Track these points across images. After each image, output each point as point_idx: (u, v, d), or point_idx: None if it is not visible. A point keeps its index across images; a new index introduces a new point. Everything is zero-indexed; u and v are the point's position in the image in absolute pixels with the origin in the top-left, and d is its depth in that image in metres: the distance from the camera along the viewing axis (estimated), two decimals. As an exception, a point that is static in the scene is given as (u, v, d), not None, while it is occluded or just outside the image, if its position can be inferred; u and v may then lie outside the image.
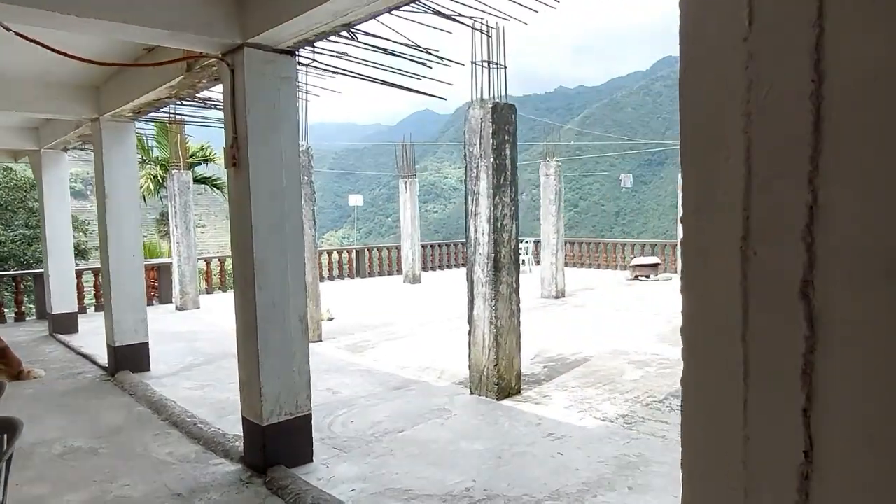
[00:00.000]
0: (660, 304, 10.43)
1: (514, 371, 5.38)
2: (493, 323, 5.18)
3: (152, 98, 5.28)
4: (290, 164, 3.78)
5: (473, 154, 5.21)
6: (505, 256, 5.24)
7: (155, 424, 4.98)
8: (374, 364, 6.73)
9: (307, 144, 7.54)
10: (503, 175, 5.18)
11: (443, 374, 6.19)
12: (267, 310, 3.71)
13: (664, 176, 74.66)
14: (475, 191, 5.22)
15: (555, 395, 5.39)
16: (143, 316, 6.74)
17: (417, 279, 14.39)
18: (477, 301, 5.31)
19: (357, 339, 8.10)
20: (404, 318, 9.67)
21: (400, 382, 5.93)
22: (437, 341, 7.81)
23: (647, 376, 5.93)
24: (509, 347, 5.31)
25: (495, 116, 5.08)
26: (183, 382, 6.22)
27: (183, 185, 11.02)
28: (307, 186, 7.63)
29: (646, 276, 13.94)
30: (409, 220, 14.17)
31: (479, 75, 5.26)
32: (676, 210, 68.27)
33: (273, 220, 3.70)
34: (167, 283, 12.23)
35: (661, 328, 8.32)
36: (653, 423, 4.63)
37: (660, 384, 5.64)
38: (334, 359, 7.03)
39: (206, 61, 4.08)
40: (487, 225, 5.16)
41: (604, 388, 5.59)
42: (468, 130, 5.26)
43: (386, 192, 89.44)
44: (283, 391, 3.81)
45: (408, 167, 14.05)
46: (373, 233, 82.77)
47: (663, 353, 6.84)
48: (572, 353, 6.96)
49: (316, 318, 8.01)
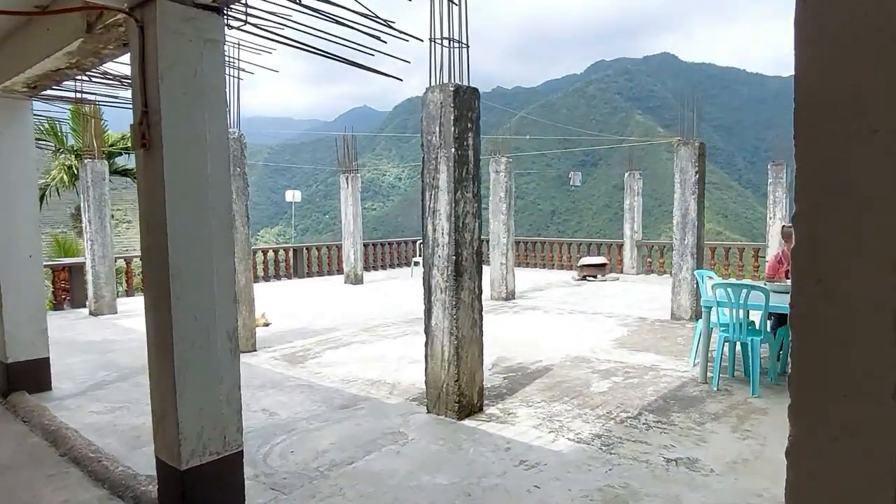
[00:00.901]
0: (612, 305, 10.15)
1: (475, 386, 4.82)
2: (453, 334, 4.61)
3: (49, 68, 4.41)
4: (217, 147, 3.07)
5: (432, 144, 4.62)
6: (467, 259, 4.67)
7: (51, 461, 4.13)
8: (317, 377, 6.03)
9: (239, 131, 6.74)
10: (465, 168, 4.61)
11: (394, 389, 5.57)
12: (186, 326, 3.00)
13: (597, 176, 76.46)
14: (434, 185, 4.63)
15: (520, 412, 4.87)
16: (44, 326, 5.79)
17: (359, 279, 13.66)
18: (435, 309, 4.72)
19: (296, 348, 7.35)
20: (348, 322, 8.97)
21: (346, 400, 5.27)
22: (386, 349, 7.17)
23: (615, 388, 5.50)
24: (471, 361, 4.75)
25: (457, 101, 4.50)
26: (90, 405, 5.33)
27: (97, 175, 9.89)
28: (240, 178, 6.83)
29: (593, 276, 13.74)
30: (351, 218, 13.42)
31: (439, 55, 4.66)
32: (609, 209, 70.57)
33: (194, 214, 2.99)
34: (80, 285, 11.02)
35: (618, 331, 7.98)
36: (632, 444, 4.17)
37: (630, 397, 5.22)
38: (270, 372, 6.27)
39: (111, 18, 3.31)
40: (447, 223, 4.58)
41: (572, 402, 5.12)
42: (426, 117, 4.66)
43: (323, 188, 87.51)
44: (207, 425, 3.11)
45: (349, 162, 13.29)
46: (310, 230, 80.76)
47: (626, 361, 6.46)
48: (532, 362, 6.48)
49: (250, 326, 7.21)
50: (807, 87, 1.10)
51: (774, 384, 5.48)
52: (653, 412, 4.83)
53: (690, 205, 8.52)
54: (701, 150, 8.51)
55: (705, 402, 5.07)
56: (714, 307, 5.59)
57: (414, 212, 42.32)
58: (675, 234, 8.71)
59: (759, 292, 5.22)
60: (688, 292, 8.61)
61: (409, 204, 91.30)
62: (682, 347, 7.03)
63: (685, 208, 8.56)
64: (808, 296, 1.15)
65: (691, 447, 4.10)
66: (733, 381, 5.63)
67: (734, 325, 5.36)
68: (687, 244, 8.61)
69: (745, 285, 5.31)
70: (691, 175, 8.48)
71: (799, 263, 1.16)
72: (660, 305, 9.93)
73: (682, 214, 8.59)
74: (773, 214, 12.84)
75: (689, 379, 5.74)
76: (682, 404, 5.01)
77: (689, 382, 5.63)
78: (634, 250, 14.69)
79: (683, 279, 8.65)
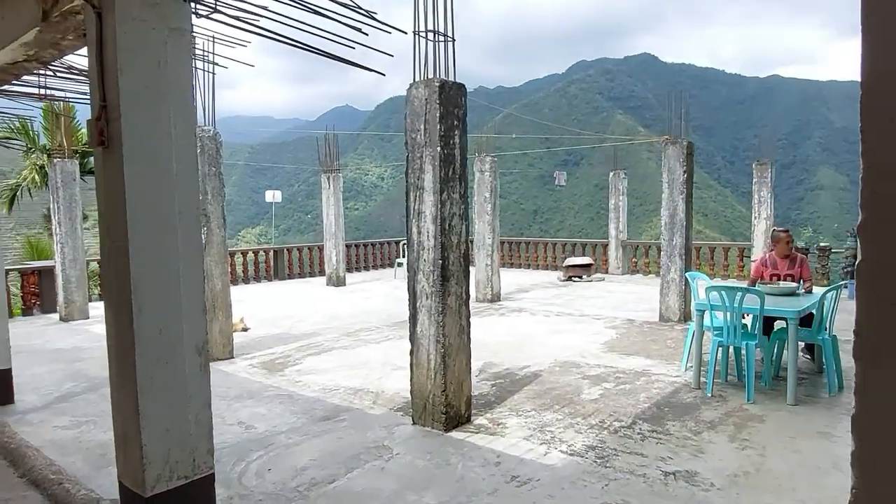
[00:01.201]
0: (599, 306, 10.01)
1: (463, 396, 4.61)
2: (440, 342, 4.39)
3: (5, 61, 4.11)
4: (184, 145, 2.82)
5: (417, 142, 4.40)
6: (454, 263, 4.46)
7: (7, 483, 3.84)
8: (296, 386, 5.78)
9: (214, 129, 6.45)
10: (452, 167, 4.40)
11: (378, 398, 5.34)
12: (150, 340, 2.75)
13: (580, 175, 76.73)
14: (418, 185, 4.41)
15: (510, 423, 4.67)
16: (5, 336, 5.47)
17: (342, 281, 13.38)
18: (420, 315, 4.50)
19: (275, 355, 7.07)
20: (330, 326, 8.71)
21: (328, 411, 5.02)
22: (369, 355, 6.93)
23: (606, 395, 5.33)
24: (459, 370, 4.54)
25: (443, 97, 4.28)
26: (55, 419, 5.02)
27: (67, 176, 9.51)
28: (215, 178, 6.55)
29: (578, 276, 13.60)
30: (333, 218, 13.13)
31: (423, 49, 4.44)
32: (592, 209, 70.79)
33: (159, 217, 2.74)
34: (50, 289, 10.62)
35: (607, 334, 7.83)
36: (628, 456, 3.99)
37: (623, 404, 5.04)
38: (248, 381, 6.00)
39: (68, 5, 3.04)
40: (433, 226, 4.36)
41: (563, 410, 4.93)
42: (410, 114, 4.43)
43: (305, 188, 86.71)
44: (174, 448, 2.85)
45: (331, 161, 13.00)
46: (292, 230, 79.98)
47: (617, 365, 6.30)
48: (520, 367, 6.29)
49: (227, 331, 6.93)
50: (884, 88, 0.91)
51: (769, 389, 5.34)
52: (647, 421, 4.66)
53: (678, 205, 8.39)
54: (689, 150, 8.39)
55: (700, 409, 4.92)
56: (707, 311, 5.44)
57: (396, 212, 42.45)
58: (664, 234, 8.58)
59: (754, 295, 5.07)
60: (676, 294, 8.48)
61: (392, 204, 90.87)
62: (672, 351, 6.88)
63: (673, 209, 8.44)
64: (883, 321, 0.95)
65: (689, 459, 3.92)
66: (727, 387, 5.48)
67: (729, 329, 5.21)
68: (675, 245, 8.48)
69: (739, 288, 5.16)
70: (679, 175, 8.35)
71: (866, 283, 0.97)
72: (647, 307, 9.81)
73: (671, 215, 8.46)
74: (759, 214, 12.80)
75: (681, 384, 5.59)
76: (676, 412, 4.85)
77: (682, 388, 5.47)
78: (620, 250, 14.60)
79: (672, 280, 8.53)
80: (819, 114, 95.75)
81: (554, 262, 15.85)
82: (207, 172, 6.49)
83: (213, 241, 6.67)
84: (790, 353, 5.01)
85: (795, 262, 6.08)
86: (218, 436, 3.99)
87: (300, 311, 10.10)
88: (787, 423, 4.54)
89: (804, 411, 4.80)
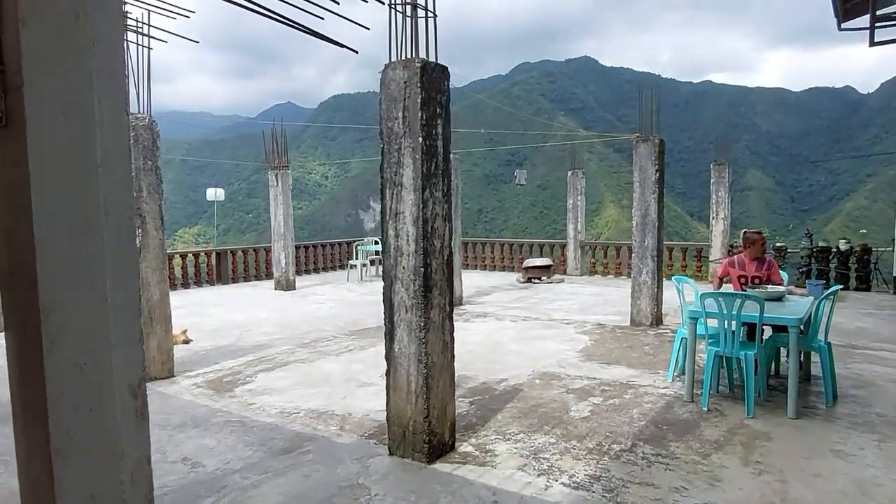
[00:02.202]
0: (565, 310, 9.64)
1: (447, 421, 4.06)
2: (422, 361, 3.83)
3: None
4: (112, 125, 2.14)
5: (394, 132, 3.81)
6: (437, 271, 3.90)
7: None
8: (249, 410, 5.08)
9: (150, 117, 5.65)
10: (434, 161, 3.84)
11: (346, 423, 4.72)
12: (67, 381, 2.07)
13: (524, 176, 77.44)
14: (396, 182, 3.83)
15: (499, 449, 4.15)
16: None
17: (291, 285, 12.57)
18: (399, 331, 3.92)
19: (223, 371, 6.32)
20: (282, 336, 7.98)
21: (289, 440, 4.37)
22: (329, 369, 6.28)
23: (597, 411, 4.89)
24: (442, 391, 3.99)
25: (425, 81, 3.72)
26: (-47, 460, 4.17)
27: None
28: (152, 173, 5.75)
29: (538, 278, 13.27)
30: (282, 218, 12.31)
31: (400, 24, 3.86)
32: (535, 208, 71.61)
33: (78, 219, 2.06)
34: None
35: (581, 341, 7.44)
36: (638, 487, 3.54)
37: (617, 423, 4.61)
38: (192, 405, 5.25)
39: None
40: (414, 229, 3.79)
41: (554, 432, 4.45)
42: (385, 99, 3.85)
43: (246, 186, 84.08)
44: (101, 520, 2.18)
45: (279, 156, 12.18)
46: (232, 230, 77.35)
47: (599, 376, 5.89)
48: (498, 381, 5.79)
49: (166, 347, 6.13)
50: None
51: (764, 401, 5.03)
52: (648, 442, 4.24)
53: (651, 205, 8.10)
54: (660, 148, 8.11)
55: (700, 426, 4.54)
56: (699, 319, 5.09)
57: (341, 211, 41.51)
58: (635, 235, 8.27)
59: (754, 302, 4.74)
60: (649, 297, 8.19)
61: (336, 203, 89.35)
62: (652, 359, 6.54)
63: (645, 209, 8.14)
64: None
65: (706, 489, 3.51)
66: (720, 399, 5.15)
67: (727, 339, 4.86)
68: (647, 246, 8.19)
69: (738, 294, 4.81)
70: (651, 174, 8.06)
71: None
72: (614, 310, 9.52)
73: (642, 215, 8.16)
74: (716, 214, 12.80)
75: (672, 397, 5.22)
76: (676, 430, 4.45)
77: (675, 402, 5.10)
78: (578, 251, 14.36)
79: (644, 283, 8.23)
80: (747, 118, 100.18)
81: (511, 264, 15.49)
82: (142, 167, 5.69)
83: (150, 245, 5.87)
84: (791, 362, 4.70)
85: (764, 265, 5.81)
86: (158, 478, 3.33)
87: (248, 319, 9.29)
88: (796, 441, 4.21)
89: (808, 426, 4.49)
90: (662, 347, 7.04)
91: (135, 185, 5.63)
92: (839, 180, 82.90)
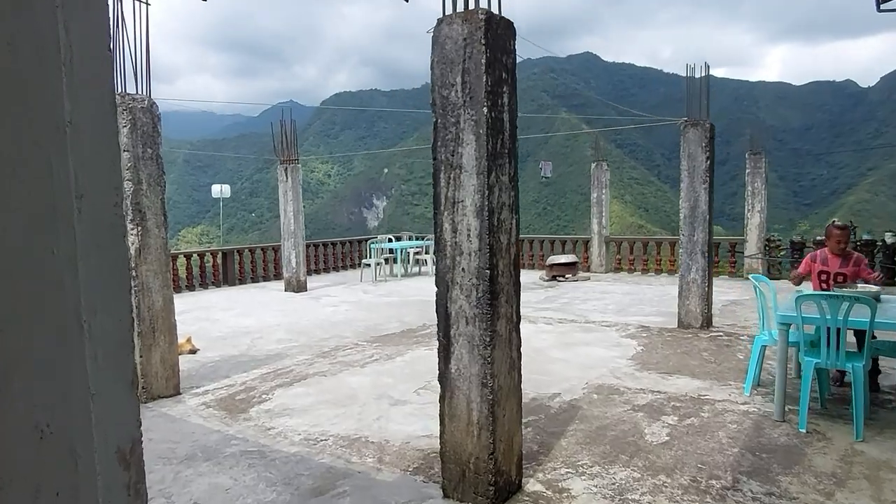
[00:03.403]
0: (600, 310, 8.91)
1: (514, 456, 3.34)
2: (486, 384, 3.11)
3: None
4: (88, 64, 1.42)
5: (450, 102, 3.09)
6: (504, 273, 3.18)
7: None
8: (268, 437, 4.36)
9: (149, 98, 4.92)
10: (501, 138, 3.12)
11: (384, 453, 4.00)
12: (21, 453, 1.34)
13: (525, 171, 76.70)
14: (453, 164, 3.10)
15: (575, 487, 3.43)
16: None
17: (303, 286, 11.86)
18: (457, 348, 3.20)
19: (235, 387, 5.61)
20: (298, 344, 7.26)
21: (319, 477, 3.65)
22: (355, 383, 5.57)
23: (676, 435, 4.16)
24: (509, 421, 3.27)
25: (490, 37, 2.99)
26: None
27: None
28: (152, 163, 5.03)
29: (563, 276, 12.54)
30: (292, 215, 11.59)
31: (454, -28, 3.13)
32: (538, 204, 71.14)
33: (34, 202, 1.33)
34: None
35: (629, 346, 6.71)
36: (765, 543, 2.82)
37: (705, 450, 3.89)
38: (201, 430, 4.53)
39: None
40: (476, 221, 3.07)
41: (634, 463, 3.73)
42: (439, 62, 3.12)
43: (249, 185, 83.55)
44: None
45: (289, 151, 11.46)
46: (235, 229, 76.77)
47: (664, 389, 5.17)
48: (549, 395, 5.07)
49: (170, 360, 5.42)
50: None
51: (867, 419, 4.30)
52: (751, 475, 3.52)
53: (700, 196, 7.36)
54: (711, 133, 7.37)
55: (805, 453, 3.81)
56: (793, 325, 4.36)
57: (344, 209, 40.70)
58: (683, 229, 7.54)
59: (865, 305, 4.00)
60: (699, 296, 7.45)
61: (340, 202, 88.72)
62: (716, 367, 5.81)
63: (694, 200, 7.40)
64: None
65: (852, 545, 2.79)
66: (816, 417, 4.41)
67: (829, 349, 4.13)
68: (697, 241, 7.45)
69: (846, 296, 4.08)
70: (702, 161, 7.32)
71: None
72: (654, 310, 8.80)
73: (691, 207, 7.42)
74: (752, 207, 12.06)
75: (758, 415, 4.49)
76: (779, 459, 3.73)
77: (763, 421, 4.37)
78: (603, 247, 13.62)
79: (693, 281, 7.50)
80: (750, 112, 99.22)
81: (531, 261, 14.75)
82: (141, 155, 4.97)
83: (151, 245, 5.16)
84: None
85: (850, 261, 5.08)
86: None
87: (258, 325, 8.58)
88: (933, 474, 3.48)
89: (936, 453, 3.76)
90: (722, 353, 6.31)
91: (134, 176, 4.92)
92: (841, 174, 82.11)
